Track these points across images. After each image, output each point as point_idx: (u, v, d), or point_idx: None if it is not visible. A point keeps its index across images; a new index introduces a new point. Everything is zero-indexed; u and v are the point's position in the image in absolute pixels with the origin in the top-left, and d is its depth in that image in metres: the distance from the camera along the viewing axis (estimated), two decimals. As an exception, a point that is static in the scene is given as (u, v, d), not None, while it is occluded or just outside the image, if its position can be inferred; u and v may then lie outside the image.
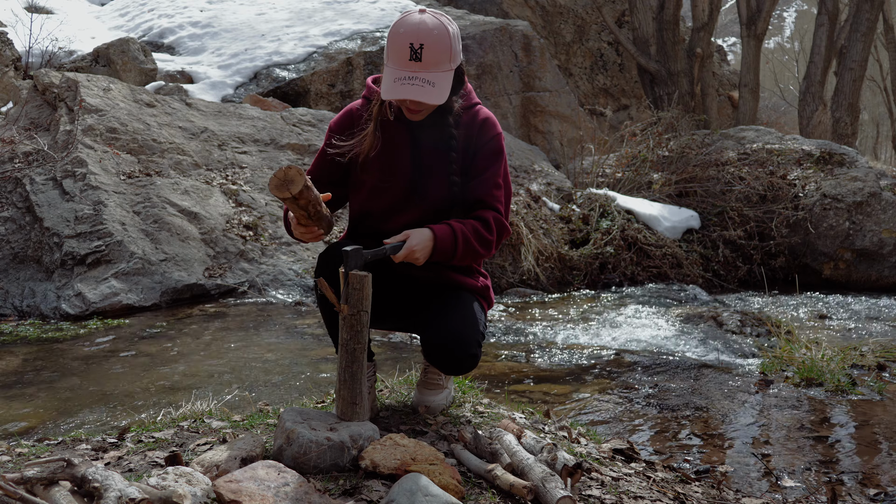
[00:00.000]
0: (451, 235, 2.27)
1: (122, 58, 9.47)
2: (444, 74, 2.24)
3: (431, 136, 2.37)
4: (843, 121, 14.66)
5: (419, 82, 2.20)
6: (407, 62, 2.20)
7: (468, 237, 2.29)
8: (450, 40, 2.24)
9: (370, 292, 2.11)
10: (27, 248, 5.75)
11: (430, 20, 2.23)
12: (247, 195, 6.77)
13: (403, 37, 2.21)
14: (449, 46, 2.24)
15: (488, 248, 2.35)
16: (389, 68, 2.24)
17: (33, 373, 4.03)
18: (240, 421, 2.59)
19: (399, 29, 2.22)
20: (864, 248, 8.11)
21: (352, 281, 2.08)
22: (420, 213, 2.38)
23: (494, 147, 2.40)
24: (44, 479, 1.67)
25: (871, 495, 2.73)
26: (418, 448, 2.05)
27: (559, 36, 15.07)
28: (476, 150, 2.39)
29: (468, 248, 2.29)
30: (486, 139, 2.39)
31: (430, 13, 2.25)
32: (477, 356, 2.38)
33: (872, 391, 3.92)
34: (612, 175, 9.49)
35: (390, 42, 2.24)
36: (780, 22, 50.48)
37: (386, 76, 2.25)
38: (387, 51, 2.26)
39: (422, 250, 2.22)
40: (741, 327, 5.37)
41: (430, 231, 2.25)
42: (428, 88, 2.20)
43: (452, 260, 2.31)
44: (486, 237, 2.33)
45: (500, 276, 7.14)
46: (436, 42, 2.21)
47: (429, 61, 2.20)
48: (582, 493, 2.16)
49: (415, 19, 2.23)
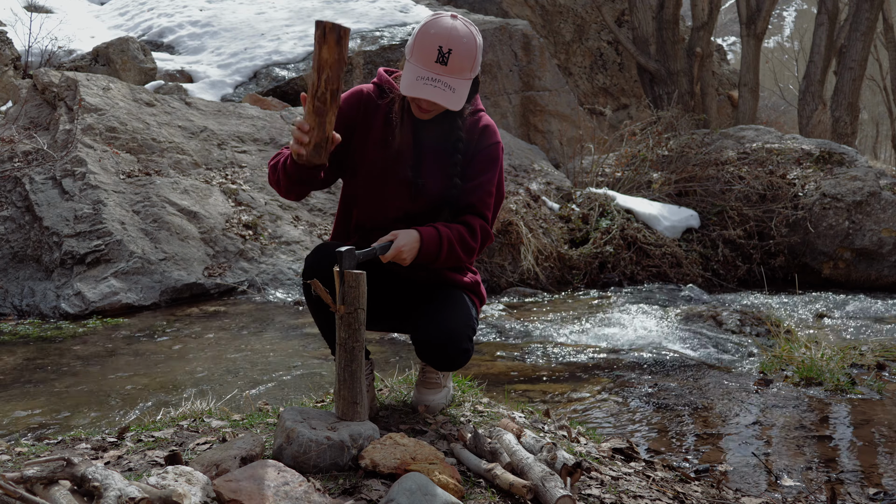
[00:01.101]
0: (437, 239, 2.29)
1: (121, 57, 9.47)
2: (465, 82, 2.28)
3: (436, 135, 2.39)
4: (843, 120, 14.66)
5: (441, 85, 2.23)
6: (432, 63, 2.23)
7: (453, 242, 2.32)
8: (476, 50, 2.28)
9: (366, 290, 2.12)
10: (27, 248, 5.75)
11: (461, 27, 2.26)
12: (246, 194, 6.77)
13: (434, 38, 2.23)
14: (474, 56, 2.28)
15: (470, 255, 2.39)
16: (413, 65, 2.26)
17: (33, 372, 4.03)
18: (239, 420, 2.59)
19: (430, 29, 2.25)
20: (864, 248, 8.11)
21: (348, 279, 2.09)
22: (413, 207, 2.41)
23: (492, 154, 2.43)
24: (43, 478, 1.67)
25: (871, 494, 2.73)
26: (418, 447, 2.05)
27: (559, 35, 15.07)
28: (474, 154, 2.42)
29: (452, 253, 2.33)
30: (485, 145, 2.43)
31: (462, 20, 2.29)
32: (469, 351, 2.40)
33: (872, 390, 3.92)
34: (611, 174, 9.49)
35: (418, 40, 2.25)
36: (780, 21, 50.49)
37: (408, 72, 2.26)
38: (412, 47, 2.27)
39: (409, 251, 2.24)
40: (741, 326, 5.38)
41: (417, 233, 2.27)
42: (448, 93, 2.24)
43: (435, 263, 2.34)
44: (470, 244, 2.37)
45: (500, 275, 7.14)
46: (464, 49, 2.24)
47: (453, 67, 2.24)
48: (581, 493, 2.16)
49: (447, 23, 2.25)
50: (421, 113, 2.36)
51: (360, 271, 2.11)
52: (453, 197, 2.39)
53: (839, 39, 15.17)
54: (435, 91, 2.23)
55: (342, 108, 2.40)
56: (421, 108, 2.34)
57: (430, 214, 2.40)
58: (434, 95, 2.23)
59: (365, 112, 2.42)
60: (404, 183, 2.39)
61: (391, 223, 2.36)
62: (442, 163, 2.39)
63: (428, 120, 2.38)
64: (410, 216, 2.40)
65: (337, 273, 2.11)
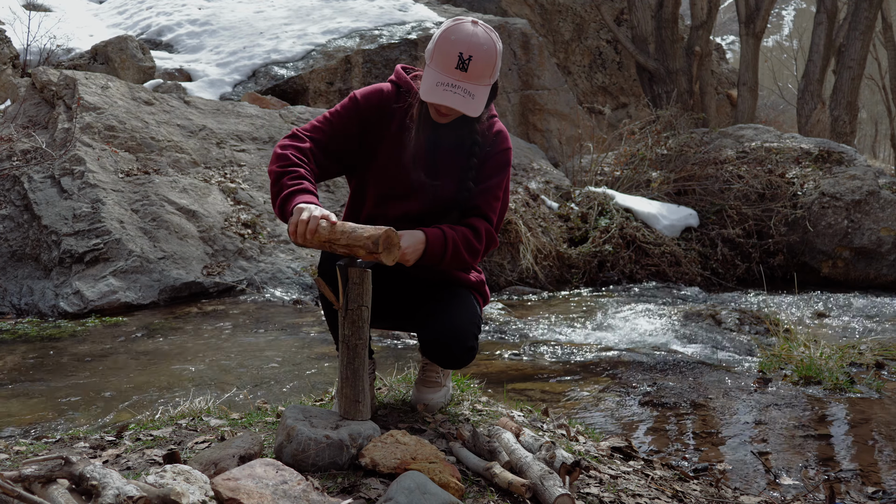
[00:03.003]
0: (442, 241, 2.29)
1: (120, 56, 9.46)
2: (484, 88, 2.29)
3: (452, 139, 2.41)
4: (842, 119, 14.66)
5: (460, 92, 2.25)
6: (452, 70, 2.24)
7: (458, 245, 2.32)
8: (496, 58, 2.29)
9: (370, 287, 2.12)
10: (25, 246, 5.74)
11: (482, 34, 2.27)
12: (245, 193, 6.76)
13: (454, 45, 2.24)
14: (494, 63, 2.29)
15: (475, 258, 2.40)
16: (433, 70, 2.27)
17: (31, 371, 4.03)
18: (238, 419, 2.59)
19: (451, 35, 2.26)
20: (863, 247, 8.12)
21: (352, 276, 2.09)
22: (422, 206, 2.41)
23: (503, 160, 2.45)
24: (42, 477, 1.67)
25: (870, 493, 2.74)
26: (419, 446, 2.05)
27: (558, 34, 15.06)
28: (485, 158, 2.43)
29: (456, 256, 2.33)
30: (497, 150, 2.44)
31: (483, 27, 2.29)
32: (474, 349, 2.41)
33: (871, 389, 3.92)
34: (610, 173, 9.49)
35: (439, 45, 2.27)
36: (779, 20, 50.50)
37: (428, 77, 2.28)
38: (432, 52, 2.28)
39: (413, 252, 2.24)
40: (740, 325, 5.38)
41: (422, 234, 2.27)
42: (467, 99, 2.25)
43: (440, 265, 2.34)
44: (475, 247, 2.37)
45: (499, 274, 7.14)
46: (484, 56, 2.25)
47: (473, 74, 2.25)
48: (580, 491, 2.16)
49: (468, 30, 2.26)
50: (439, 117, 2.37)
51: (365, 268, 2.11)
52: (465, 200, 2.40)
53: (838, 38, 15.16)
54: (455, 97, 2.24)
55: (359, 106, 2.41)
56: (440, 113, 2.36)
57: (439, 215, 2.41)
58: (454, 102, 2.24)
59: (382, 112, 2.42)
60: (418, 184, 2.40)
61: (401, 223, 2.36)
62: (456, 166, 2.41)
63: (445, 124, 2.39)
64: (420, 217, 2.40)
65: (339, 270, 2.11)
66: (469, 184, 2.40)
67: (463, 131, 2.40)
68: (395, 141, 2.41)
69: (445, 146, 2.40)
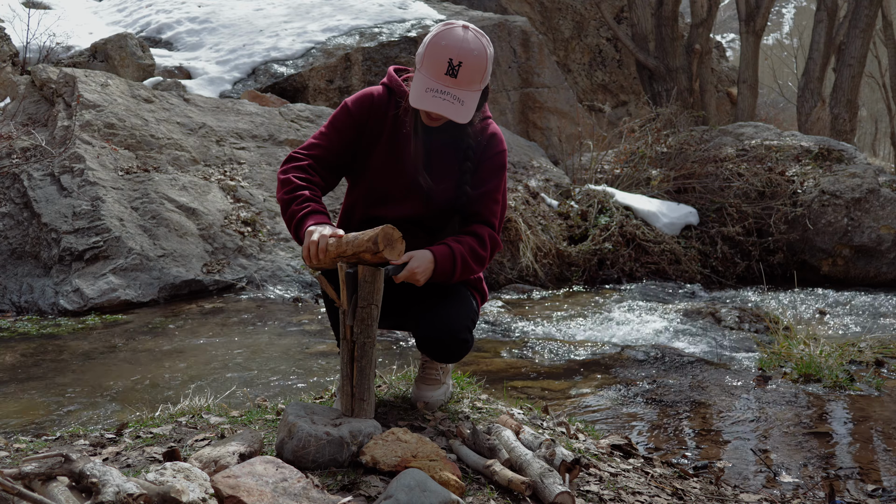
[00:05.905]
0: (450, 258, 2.30)
1: (119, 53, 9.44)
2: (474, 94, 2.28)
3: (445, 142, 2.41)
4: (842, 117, 14.65)
5: (450, 98, 2.24)
6: (442, 76, 2.23)
7: (466, 258, 2.33)
8: (486, 63, 2.28)
9: (382, 286, 2.13)
10: (25, 244, 5.74)
11: (472, 39, 2.26)
12: (245, 191, 6.76)
13: (444, 50, 2.23)
14: (485, 69, 2.28)
15: (482, 265, 2.41)
16: (422, 76, 2.26)
17: (31, 368, 4.03)
18: (238, 417, 2.59)
19: (441, 41, 2.25)
20: (863, 245, 8.12)
21: (364, 274, 2.09)
22: (417, 208, 2.42)
23: (499, 163, 2.45)
24: (42, 474, 1.67)
25: (869, 491, 2.74)
26: (420, 444, 2.04)
27: (558, 32, 15.05)
28: (481, 162, 2.43)
29: (466, 268, 2.34)
30: (492, 153, 2.44)
31: (473, 31, 2.28)
32: (468, 341, 2.42)
33: (870, 387, 3.93)
34: (610, 171, 9.48)
35: (429, 51, 2.25)
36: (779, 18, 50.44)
37: (417, 83, 2.27)
38: (422, 57, 2.27)
39: (423, 272, 2.24)
40: (739, 323, 5.38)
41: (431, 254, 2.27)
42: (457, 105, 2.24)
43: (451, 280, 2.34)
44: (481, 254, 2.38)
45: (499, 272, 7.14)
46: (474, 62, 2.24)
47: (463, 80, 2.24)
48: (580, 489, 2.16)
49: (458, 35, 2.25)
50: (430, 121, 2.37)
51: (378, 268, 2.12)
52: (462, 204, 2.40)
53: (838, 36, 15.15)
54: (444, 104, 2.23)
55: (352, 114, 2.41)
56: (430, 117, 2.35)
57: (435, 220, 2.42)
58: (442, 108, 2.23)
59: (374, 116, 2.42)
60: (413, 189, 2.40)
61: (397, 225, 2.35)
62: (451, 170, 2.41)
63: (437, 127, 2.39)
64: (416, 219, 2.41)
65: (340, 268, 2.11)
66: (466, 188, 2.40)
67: (456, 135, 2.40)
68: (388, 144, 2.41)
69: (439, 150, 2.41)
